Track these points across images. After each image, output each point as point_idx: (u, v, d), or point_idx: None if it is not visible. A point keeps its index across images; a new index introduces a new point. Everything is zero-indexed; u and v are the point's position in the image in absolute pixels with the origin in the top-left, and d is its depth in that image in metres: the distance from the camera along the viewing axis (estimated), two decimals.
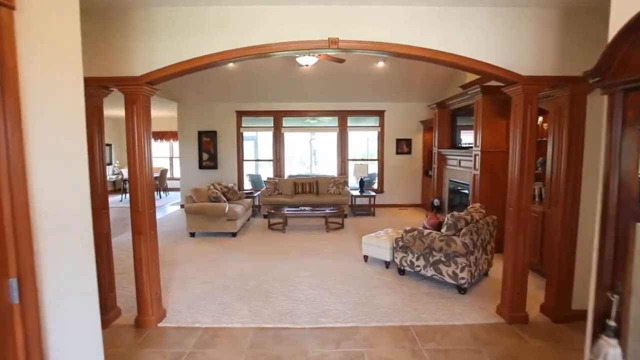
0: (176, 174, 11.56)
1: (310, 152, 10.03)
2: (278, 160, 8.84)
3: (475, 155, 5.16)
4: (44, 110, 1.30)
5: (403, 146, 8.82)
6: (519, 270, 2.98)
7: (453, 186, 6.49)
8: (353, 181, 8.99)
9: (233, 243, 5.64)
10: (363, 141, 9.44)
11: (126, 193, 10.90)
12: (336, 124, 8.79)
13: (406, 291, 3.74)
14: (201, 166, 8.84)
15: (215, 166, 8.82)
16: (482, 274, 4.03)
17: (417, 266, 3.94)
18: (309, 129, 9.15)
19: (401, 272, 4.20)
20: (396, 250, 4.17)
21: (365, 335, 2.91)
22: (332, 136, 8.99)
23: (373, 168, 8.90)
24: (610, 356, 1.17)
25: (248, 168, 9.34)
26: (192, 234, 6.06)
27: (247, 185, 9.08)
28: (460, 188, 6.27)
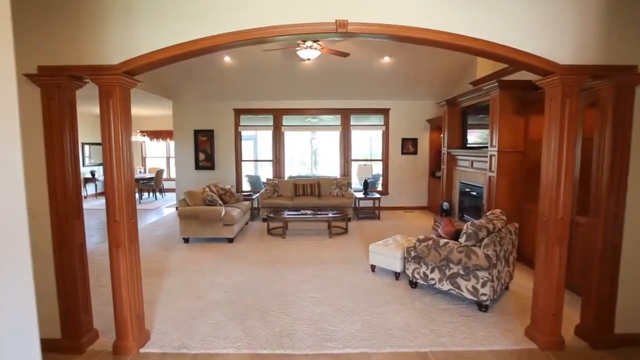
0: (173, 175, 11.18)
1: (311, 152, 9.64)
2: (278, 160, 8.45)
3: (491, 155, 4.78)
4: None
5: (409, 146, 8.44)
6: (554, 289, 2.59)
7: (464, 188, 6.10)
8: (355, 182, 8.60)
9: (229, 250, 5.26)
10: (367, 141, 9.05)
11: None
12: (339, 123, 8.40)
13: (420, 308, 3.35)
14: (197, 167, 8.46)
15: (212, 167, 8.44)
16: (504, 288, 3.64)
17: (432, 279, 3.56)
18: (310, 128, 8.76)
19: (413, 285, 3.82)
20: (408, 260, 3.78)
21: None
22: (335, 135, 8.60)
23: (377, 169, 8.51)
24: None
25: (247, 169, 8.95)
26: (186, 240, 5.68)
27: (246, 186, 8.70)
28: (471, 190, 5.88)
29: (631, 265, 2.61)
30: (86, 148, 10.67)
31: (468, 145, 6.14)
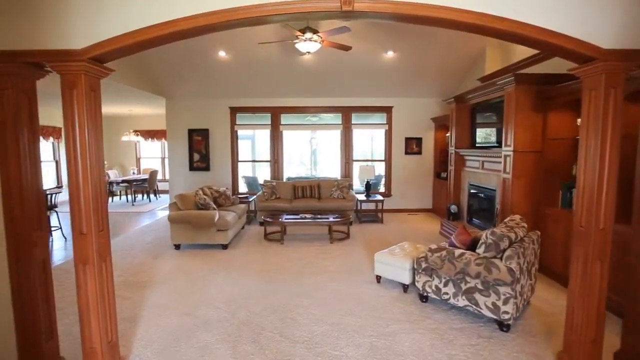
0: (168, 176, 10.82)
1: (310, 152, 9.27)
2: (276, 161, 8.08)
3: (505, 156, 4.41)
4: None
5: (413, 146, 8.07)
6: (594, 312, 2.23)
7: (473, 191, 5.74)
8: (357, 184, 8.24)
9: (223, 258, 4.89)
10: (368, 140, 8.68)
11: (113, 196, 10.15)
12: (339, 122, 8.03)
13: (433, 327, 2.99)
14: (192, 168, 8.09)
15: (207, 167, 8.07)
16: (525, 303, 3.27)
17: (445, 294, 3.19)
18: (310, 127, 8.39)
19: (423, 299, 3.45)
20: (418, 272, 3.42)
21: None
22: (335, 135, 8.23)
23: (379, 169, 8.14)
24: None
25: (244, 169, 8.58)
26: (177, 247, 5.31)
27: (243, 187, 8.33)
28: (480, 193, 5.52)
29: None
30: None
31: (477, 144, 5.78)
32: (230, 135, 8.01)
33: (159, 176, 11.01)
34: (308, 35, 4.74)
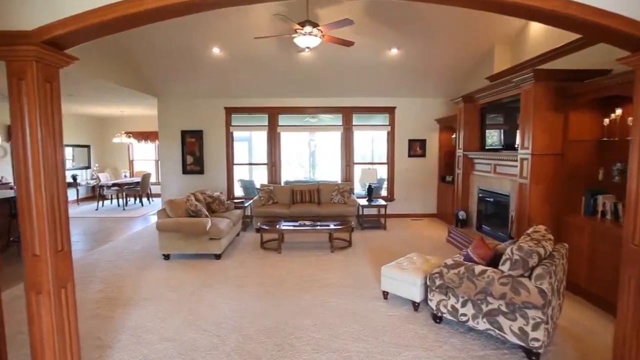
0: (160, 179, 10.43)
1: (309, 155, 8.90)
2: (273, 164, 7.70)
3: (522, 159, 4.06)
4: None
5: (416, 148, 7.72)
6: None
7: (483, 196, 5.38)
8: (357, 187, 7.88)
9: (215, 269, 4.51)
10: (370, 142, 8.31)
11: (104, 200, 9.74)
12: (340, 123, 7.67)
13: (451, 355, 2.61)
14: (185, 171, 7.71)
15: (201, 171, 7.69)
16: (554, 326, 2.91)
17: (463, 315, 2.82)
18: (309, 129, 8.02)
19: (437, 320, 3.09)
20: (431, 290, 3.05)
21: None
22: (335, 136, 7.87)
23: (381, 172, 7.78)
24: None
25: (240, 173, 8.19)
26: (166, 257, 4.92)
27: (239, 191, 7.95)
28: (491, 198, 5.17)
29: None
30: (67, 150, 9.90)
31: (487, 147, 5.43)
32: (225, 136, 7.64)
33: (153, 179, 10.61)
34: (307, 28, 4.38)
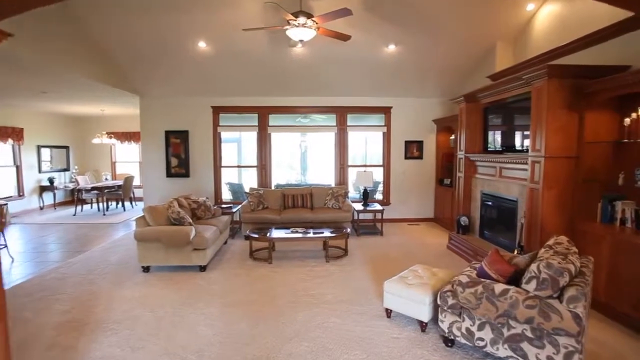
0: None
1: (301, 157, 8.53)
2: (263, 166, 7.30)
3: (534, 162, 3.76)
4: None
5: (413, 149, 7.42)
6: None
7: (487, 200, 5.09)
8: (352, 191, 7.55)
9: (200, 283, 4.09)
10: (364, 144, 7.99)
11: (83, 204, 9.20)
12: (334, 123, 7.32)
13: None
14: (169, 174, 7.24)
15: (186, 174, 7.24)
16: None
17: (480, 339, 2.49)
18: (301, 129, 7.65)
19: (449, 343, 2.74)
20: (442, 310, 2.71)
21: None
22: (329, 137, 7.51)
23: (376, 175, 7.45)
24: None
25: (228, 175, 7.77)
26: (146, 269, 4.49)
27: (227, 195, 7.53)
28: (496, 203, 4.87)
29: None
30: (44, 152, 9.32)
31: (490, 149, 5.14)
32: (212, 137, 7.21)
33: (137, 182, 10.10)
34: (301, 20, 4.02)
